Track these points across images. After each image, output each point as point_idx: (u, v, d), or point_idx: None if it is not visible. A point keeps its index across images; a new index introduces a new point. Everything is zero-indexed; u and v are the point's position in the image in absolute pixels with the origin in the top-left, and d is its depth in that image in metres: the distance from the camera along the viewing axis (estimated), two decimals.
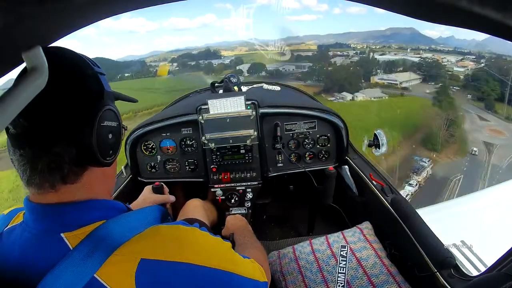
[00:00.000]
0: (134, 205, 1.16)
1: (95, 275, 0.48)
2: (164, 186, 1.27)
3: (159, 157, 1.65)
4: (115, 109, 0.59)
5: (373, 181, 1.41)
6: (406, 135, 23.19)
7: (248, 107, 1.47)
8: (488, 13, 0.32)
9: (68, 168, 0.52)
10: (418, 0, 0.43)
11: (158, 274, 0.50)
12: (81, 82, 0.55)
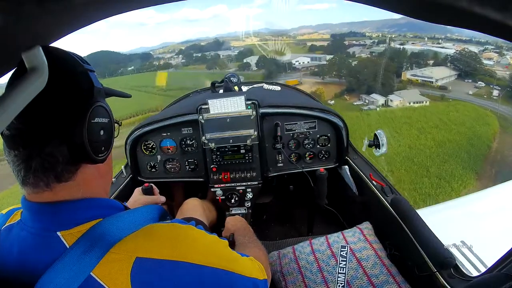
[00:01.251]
0: None
1: (91, 273, 0.48)
2: (154, 186, 1.26)
3: (159, 156, 1.65)
4: (105, 105, 0.59)
5: (373, 181, 1.41)
6: (478, 171, 15.71)
7: (249, 107, 1.48)
8: (488, 13, 0.32)
9: (61, 167, 0.53)
10: (418, 0, 0.43)
11: (153, 272, 0.51)
12: (71, 81, 0.55)
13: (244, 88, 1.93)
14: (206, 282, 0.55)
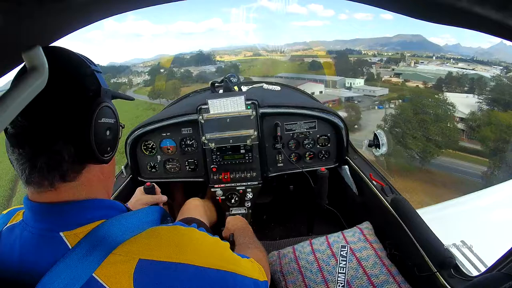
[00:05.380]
0: None
1: (93, 275, 0.48)
2: (156, 186, 1.26)
3: (159, 157, 1.65)
4: (112, 106, 0.60)
5: (373, 181, 1.41)
6: None
7: (248, 107, 1.48)
8: (488, 13, 0.32)
9: (67, 166, 0.53)
10: (419, 1, 0.43)
11: (156, 274, 0.51)
12: (78, 81, 0.55)
13: (244, 88, 1.93)
14: (208, 284, 0.55)
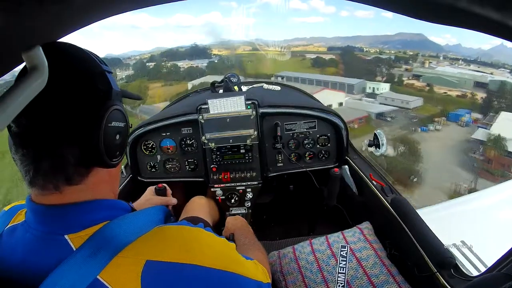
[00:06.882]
0: (136, 206, 1.15)
1: (98, 277, 0.47)
2: (168, 188, 1.26)
3: (159, 156, 1.65)
4: (122, 109, 0.58)
5: (373, 181, 1.41)
6: None
7: (248, 106, 1.48)
8: (488, 13, 0.32)
9: (73, 169, 0.51)
10: (419, 1, 0.43)
11: (164, 275, 0.50)
12: (88, 81, 0.53)
13: (244, 88, 1.93)
14: (215, 285, 0.54)
